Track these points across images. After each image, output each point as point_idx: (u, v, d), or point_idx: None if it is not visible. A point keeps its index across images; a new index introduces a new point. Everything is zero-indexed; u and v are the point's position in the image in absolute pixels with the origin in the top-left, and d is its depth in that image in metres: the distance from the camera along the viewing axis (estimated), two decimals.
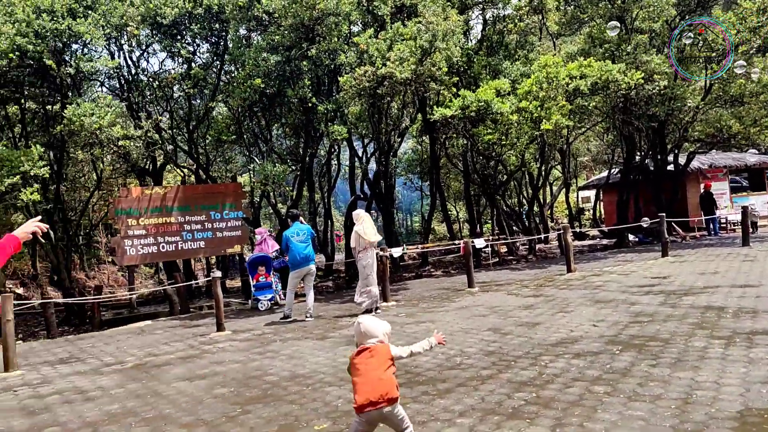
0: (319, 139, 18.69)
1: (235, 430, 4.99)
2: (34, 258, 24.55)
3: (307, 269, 11.00)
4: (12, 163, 12.78)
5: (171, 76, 17.26)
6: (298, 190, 18.96)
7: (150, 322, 13.33)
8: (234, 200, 16.86)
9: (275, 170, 14.81)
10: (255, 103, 15.98)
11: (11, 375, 8.28)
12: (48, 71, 14.32)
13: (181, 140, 19.52)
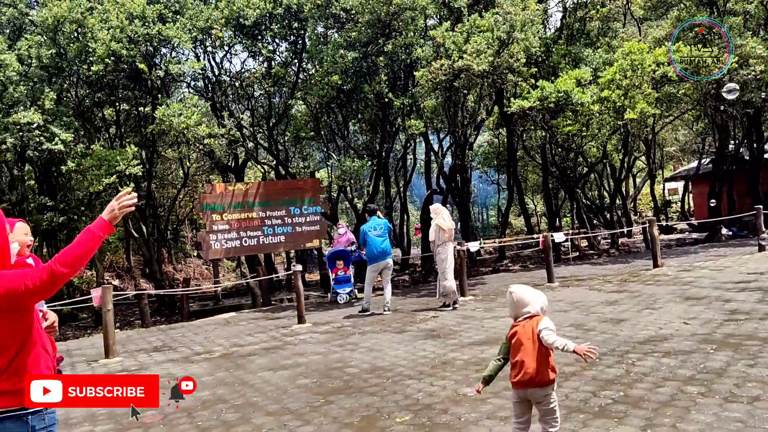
0: (395, 133, 18.79)
1: (319, 419, 5.11)
2: (128, 252, 25.94)
3: (384, 263, 11.08)
4: (109, 163, 13.54)
5: (252, 75, 17.79)
6: (375, 184, 19.13)
7: (234, 314, 13.81)
8: (312, 195, 17.20)
9: (352, 165, 15.00)
10: (332, 99, 16.23)
11: (111, 361, 8.81)
12: (140, 74, 15.07)
13: (262, 137, 20.08)
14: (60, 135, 13.68)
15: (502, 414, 4.77)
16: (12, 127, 13.33)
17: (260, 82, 17.54)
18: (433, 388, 5.68)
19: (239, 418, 5.37)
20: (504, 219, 25.60)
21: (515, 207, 32.06)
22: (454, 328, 8.69)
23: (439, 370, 6.37)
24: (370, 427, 4.79)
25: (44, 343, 2.71)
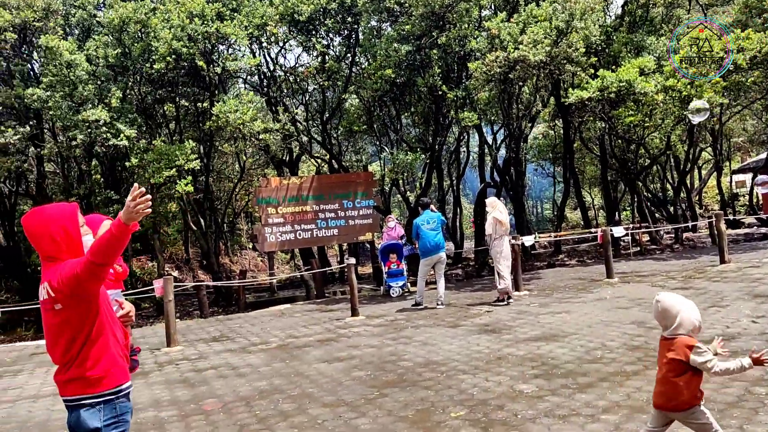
0: (449, 126, 18.65)
1: (374, 412, 5.13)
2: (187, 244, 26.66)
3: (437, 257, 11.00)
4: (169, 157, 13.94)
5: (306, 70, 17.97)
6: (427, 177, 19.06)
7: (289, 306, 14.02)
8: (365, 189, 17.28)
9: (405, 158, 14.98)
10: (385, 93, 16.23)
11: (173, 350, 9.08)
12: (198, 71, 15.44)
13: (315, 132, 20.28)
14: (125, 131, 14.15)
15: (561, 412, 4.68)
16: (81, 124, 13.86)
17: (314, 76, 17.69)
18: (488, 384, 5.62)
19: (295, 408, 5.46)
20: (560, 212, 25.08)
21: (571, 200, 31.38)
22: (509, 324, 8.59)
23: (494, 365, 6.30)
24: (425, 421, 4.78)
25: (114, 332, 2.80)
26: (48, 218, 2.76)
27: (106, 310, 2.79)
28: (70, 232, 2.75)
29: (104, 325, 2.75)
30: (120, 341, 2.84)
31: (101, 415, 2.68)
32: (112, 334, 2.79)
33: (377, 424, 4.80)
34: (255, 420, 5.22)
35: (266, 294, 18.88)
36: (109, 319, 2.81)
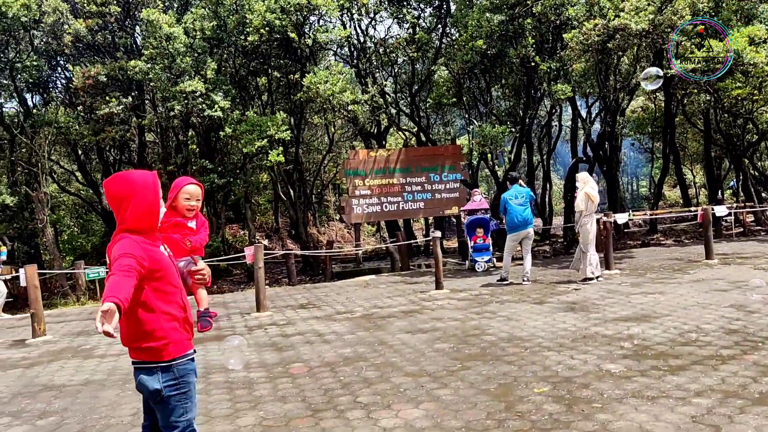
0: (540, 99, 18.13)
1: (456, 383, 5.14)
2: (277, 214, 27.50)
3: (525, 233, 10.77)
4: (261, 128, 14.34)
5: (396, 41, 17.89)
6: (517, 151, 18.67)
7: (374, 277, 14.22)
8: (453, 162, 17.13)
9: (494, 131, 14.70)
10: (476, 64, 15.93)
11: (262, 315, 9.45)
12: (290, 43, 15.72)
13: (404, 104, 20.24)
14: (219, 102, 14.66)
15: (650, 393, 4.52)
16: (179, 95, 14.48)
17: (404, 48, 17.61)
18: (574, 362, 5.50)
19: (378, 376, 5.55)
20: (657, 190, 23.95)
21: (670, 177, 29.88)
22: (598, 302, 8.34)
23: (580, 343, 6.15)
24: (508, 395, 4.74)
25: (170, 305, 2.83)
26: (133, 184, 2.81)
27: (159, 285, 2.82)
28: (152, 201, 2.82)
29: (156, 299, 2.80)
30: (182, 311, 2.88)
31: (160, 378, 2.81)
32: (168, 306, 2.83)
33: (459, 396, 4.81)
34: (339, 385, 5.35)
35: (352, 265, 19.21)
36: (165, 292, 2.84)
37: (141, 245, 2.76)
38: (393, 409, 4.63)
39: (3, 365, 7.26)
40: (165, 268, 2.85)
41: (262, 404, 4.97)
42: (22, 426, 4.88)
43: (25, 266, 9.96)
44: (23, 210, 19.28)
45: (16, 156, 19.24)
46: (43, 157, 18.05)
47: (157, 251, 2.87)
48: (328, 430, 4.29)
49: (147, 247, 2.80)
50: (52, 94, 20.37)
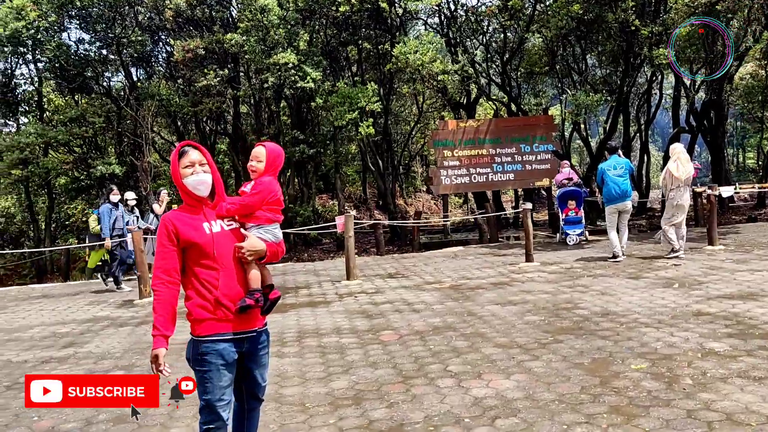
0: (640, 66, 17.26)
1: (548, 356, 5.07)
2: (365, 184, 27.81)
3: (623, 205, 10.23)
4: (351, 100, 14.47)
5: (488, 9, 17.47)
6: (612, 121, 17.90)
7: (462, 248, 14.16)
8: (544, 133, 16.68)
9: (589, 100, 14.16)
10: (571, 31, 15.34)
11: (352, 283, 9.65)
12: (380, 13, 15.70)
13: (494, 73, 19.82)
14: (311, 74, 14.89)
15: (757, 374, 4.29)
16: (272, 67, 14.81)
17: (495, 15, 17.18)
18: (674, 339, 5.29)
19: (468, 346, 5.56)
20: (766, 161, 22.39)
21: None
22: (700, 279, 7.95)
23: (681, 320, 5.90)
24: (603, 370, 4.63)
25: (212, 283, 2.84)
26: (172, 158, 2.96)
27: (194, 262, 2.85)
28: (174, 170, 2.91)
29: (191, 276, 2.87)
30: (213, 291, 2.83)
31: (191, 348, 2.90)
32: (200, 285, 2.84)
33: (551, 369, 4.75)
34: (429, 353, 5.40)
35: (439, 236, 19.20)
36: (199, 270, 2.84)
37: (172, 219, 2.87)
38: (484, 378, 4.64)
39: (114, 323, 7.80)
40: (200, 242, 2.83)
41: (354, 369, 5.10)
42: None
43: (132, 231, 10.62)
44: (129, 179, 20.47)
45: (123, 127, 20.38)
46: (146, 128, 19.01)
47: (197, 225, 2.86)
48: (419, 396, 4.35)
49: (185, 220, 2.87)
50: (154, 67, 21.35)
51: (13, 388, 5.17)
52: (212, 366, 2.82)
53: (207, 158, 2.94)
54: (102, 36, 18.59)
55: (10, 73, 20.33)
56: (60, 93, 22.09)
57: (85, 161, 19.96)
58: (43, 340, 6.99)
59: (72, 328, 7.63)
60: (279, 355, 5.62)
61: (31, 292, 11.66)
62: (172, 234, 2.81)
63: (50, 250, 19.67)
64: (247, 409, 3.10)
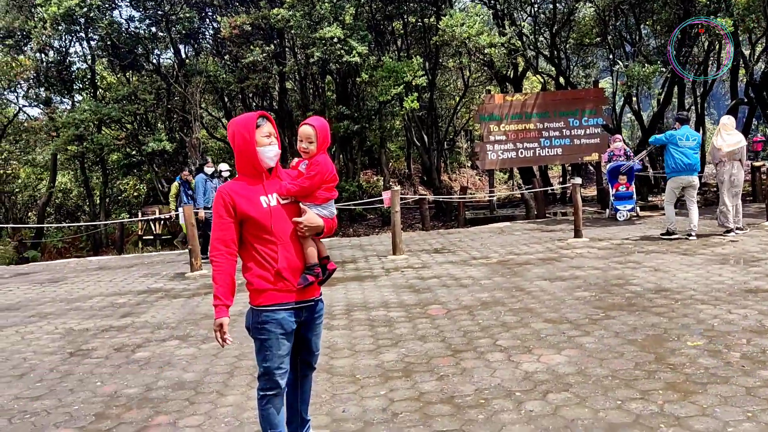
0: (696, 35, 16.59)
1: (600, 332, 5.00)
2: (409, 160, 27.72)
3: (688, 179, 9.58)
4: (397, 74, 14.37)
5: None
6: (667, 94, 17.36)
7: (508, 224, 14.02)
8: (594, 106, 16.29)
9: (643, 72, 13.72)
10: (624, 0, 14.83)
11: (398, 258, 9.67)
12: None
13: (542, 45, 19.36)
14: (357, 48, 14.82)
15: None
16: (318, 41, 14.80)
17: None
18: (732, 316, 5.15)
19: (517, 321, 5.52)
20: None
21: None
22: (759, 256, 7.69)
23: (739, 297, 5.73)
24: (657, 346, 4.54)
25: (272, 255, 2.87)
26: (233, 126, 2.90)
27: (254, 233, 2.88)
28: (246, 141, 2.85)
29: (251, 247, 2.90)
30: (274, 263, 2.86)
31: (251, 317, 2.94)
32: (260, 256, 2.88)
33: (603, 344, 4.68)
34: (478, 328, 5.39)
35: (485, 211, 19.05)
36: (259, 241, 2.87)
37: (229, 192, 2.85)
38: (534, 353, 4.61)
39: (168, 295, 8.03)
40: (258, 217, 2.84)
41: (403, 342, 5.13)
42: (189, 348, 5.39)
43: (183, 206, 10.85)
44: (178, 155, 20.89)
45: (172, 104, 20.76)
46: (194, 105, 19.32)
47: (255, 199, 2.86)
48: (469, 370, 4.35)
49: (243, 193, 2.86)
50: (202, 44, 21.60)
51: (77, 355, 5.38)
52: (272, 335, 2.87)
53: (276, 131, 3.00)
54: (151, 13, 18.88)
55: (65, 51, 20.88)
56: (112, 70, 22.60)
57: (136, 137, 20.46)
58: (103, 310, 7.25)
59: (128, 298, 7.88)
60: (328, 328, 5.69)
61: (89, 264, 12.09)
62: (229, 206, 2.83)
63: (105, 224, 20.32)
64: (300, 377, 3.16)
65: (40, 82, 20.93)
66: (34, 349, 5.65)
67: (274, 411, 2.95)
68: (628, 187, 13.08)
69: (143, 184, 25.40)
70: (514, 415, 3.56)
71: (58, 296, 8.38)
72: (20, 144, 25.49)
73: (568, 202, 19.58)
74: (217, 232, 2.86)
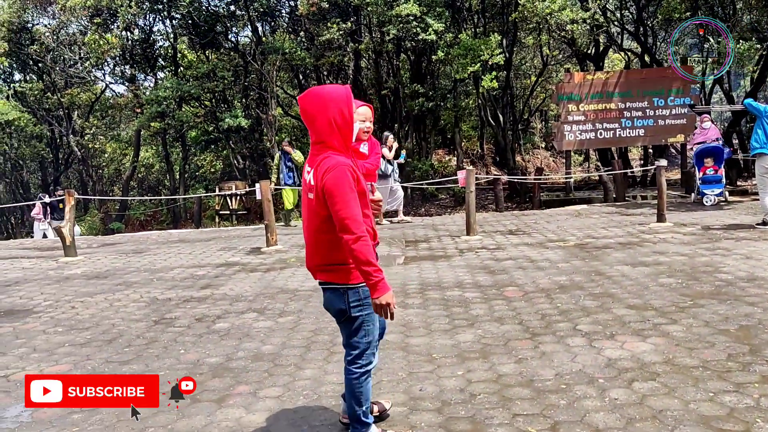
0: None
1: (687, 320, 4.77)
2: (482, 140, 27.31)
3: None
4: (474, 52, 14.08)
5: None
6: (761, 72, 16.31)
7: (586, 206, 13.61)
8: (681, 85, 15.50)
9: (738, 48, 12.91)
10: None
11: (472, 238, 9.55)
12: None
13: (627, 21, 18.54)
14: (433, 25, 14.61)
15: None
16: (394, 19, 14.67)
17: None
18: None
19: (598, 306, 5.34)
20: None
21: None
22: None
23: None
24: (751, 337, 4.29)
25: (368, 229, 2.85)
26: (327, 98, 2.76)
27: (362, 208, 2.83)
28: (345, 116, 2.77)
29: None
30: (371, 237, 2.86)
31: (346, 299, 2.89)
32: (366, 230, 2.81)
33: (692, 333, 4.46)
34: (556, 312, 5.25)
35: (560, 193, 18.57)
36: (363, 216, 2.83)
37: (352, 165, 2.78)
38: (617, 340, 4.44)
39: (245, 268, 8.22)
40: (364, 191, 2.84)
41: (479, 323, 5.06)
42: (267, 321, 5.50)
43: (260, 181, 11.06)
44: (254, 132, 21.33)
45: (249, 82, 21.16)
46: (271, 82, 19.62)
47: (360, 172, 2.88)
48: (549, 354, 4.24)
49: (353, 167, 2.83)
50: (278, 22, 21.86)
51: (161, 323, 5.59)
52: (371, 310, 2.89)
53: None
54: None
55: (149, 30, 21.60)
56: (192, 49, 23.23)
57: (214, 114, 21.00)
58: (184, 281, 7.50)
59: (207, 271, 8.12)
60: (403, 306, 5.68)
61: (169, 237, 12.56)
62: (355, 181, 2.77)
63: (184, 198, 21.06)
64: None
65: (125, 59, 21.77)
66: (122, 316, 5.91)
67: (370, 384, 3.04)
68: (716, 171, 12.41)
69: (220, 161, 26.16)
70: (597, 402, 3.44)
71: (142, 266, 8.74)
72: (107, 120, 26.71)
73: (648, 185, 18.83)
74: (353, 208, 2.72)
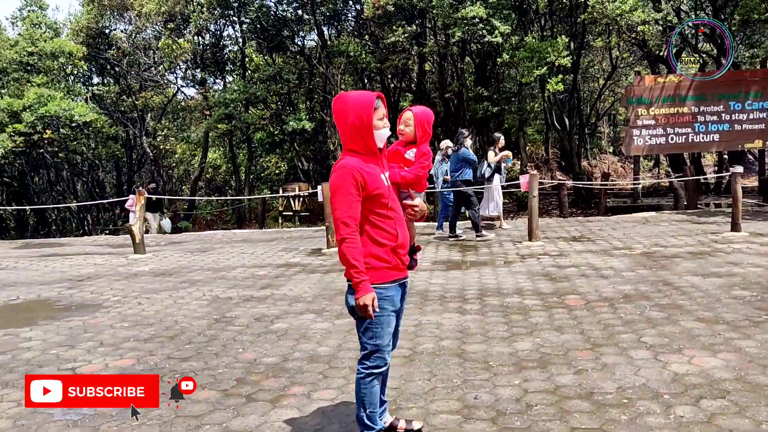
0: None
1: (763, 336, 4.51)
2: (547, 144, 26.79)
3: None
4: (540, 54, 13.83)
5: None
6: None
7: (654, 214, 13.14)
8: (761, 88, 14.79)
9: None
10: None
11: (534, 244, 9.36)
12: None
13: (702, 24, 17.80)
14: (499, 28, 14.43)
15: None
16: (460, 21, 14.57)
17: None
18: None
19: (665, 318, 5.13)
20: None
21: None
22: None
23: None
24: None
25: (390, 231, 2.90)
26: (349, 103, 2.84)
27: (372, 209, 2.87)
28: (363, 120, 2.81)
29: (366, 223, 2.87)
30: (392, 240, 2.90)
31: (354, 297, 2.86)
32: (378, 232, 2.88)
33: (766, 350, 4.22)
34: (620, 322, 5.07)
35: (627, 200, 18.01)
36: (377, 218, 2.88)
37: (359, 168, 2.81)
38: (684, 354, 4.24)
39: (305, 269, 8.32)
40: (381, 195, 2.87)
41: (538, 331, 4.94)
42: (324, 323, 5.54)
43: (322, 183, 11.19)
44: (318, 134, 21.62)
45: (313, 85, 21.47)
46: (335, 85, 19.84)
47: (377, 176, 2.88)
48: (610, 366, 4.10)
49: (368, 170, 2.84)
50: (344, 25, 22.10)
51: (221, 321, 5.72)
52: (384, 311, 2.91)
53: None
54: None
55: (219, 34, 22.23)
56: (259, 52, 23.77)
57: (279, 117, 21.41)
58: (245, 280, 7.66)
59: (268, 271, 8.27)
60: (461, 312, 5.61)
61: (233, 237, 12.87)
62: (359, 184, 2.81)
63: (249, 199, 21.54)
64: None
65: (196, 63, 22.49)
66: (185, 313, 6.07)
67: (377, 389, 3.02)
68: None
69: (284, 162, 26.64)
70: (661, 419, 3.30)
71: (206, 265, 8.98)
72: (178, 122, 27.65)
73: (722, 193, 18.02)
74: (347, 210, 2.80)
